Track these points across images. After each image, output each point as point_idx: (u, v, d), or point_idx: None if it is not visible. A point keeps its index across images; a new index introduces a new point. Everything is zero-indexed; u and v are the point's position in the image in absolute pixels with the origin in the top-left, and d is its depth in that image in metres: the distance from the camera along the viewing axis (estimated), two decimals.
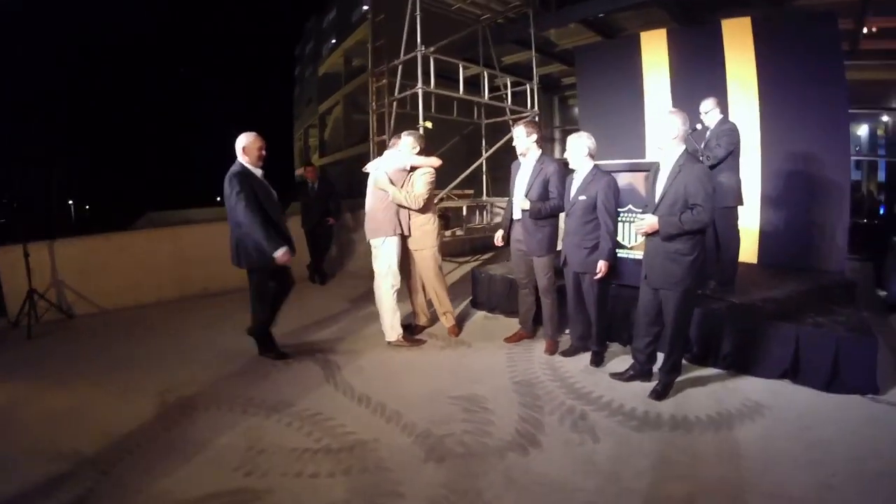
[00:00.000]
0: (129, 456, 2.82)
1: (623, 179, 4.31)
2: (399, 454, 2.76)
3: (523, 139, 4.11)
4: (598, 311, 3.83)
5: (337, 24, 22.24)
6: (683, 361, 3.71)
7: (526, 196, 4.06)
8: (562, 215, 4.09)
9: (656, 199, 3.23)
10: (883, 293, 5.71)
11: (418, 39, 6.14)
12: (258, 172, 4.00)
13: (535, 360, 4.04)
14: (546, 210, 4.01)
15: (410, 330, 4.70)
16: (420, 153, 4.40)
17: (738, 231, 4.58)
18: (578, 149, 3.76)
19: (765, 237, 5.83)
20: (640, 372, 3.56)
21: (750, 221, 5.77)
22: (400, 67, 6.67)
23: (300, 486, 2.50)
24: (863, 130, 13.40)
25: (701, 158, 4.20)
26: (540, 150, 4.17)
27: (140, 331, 5.30)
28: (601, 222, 3.68)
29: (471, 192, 8.05)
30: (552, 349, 4.21)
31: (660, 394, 3.32)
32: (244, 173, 3.87)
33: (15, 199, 5.77)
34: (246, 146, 3.93)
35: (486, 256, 7.94)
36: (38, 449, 2.93)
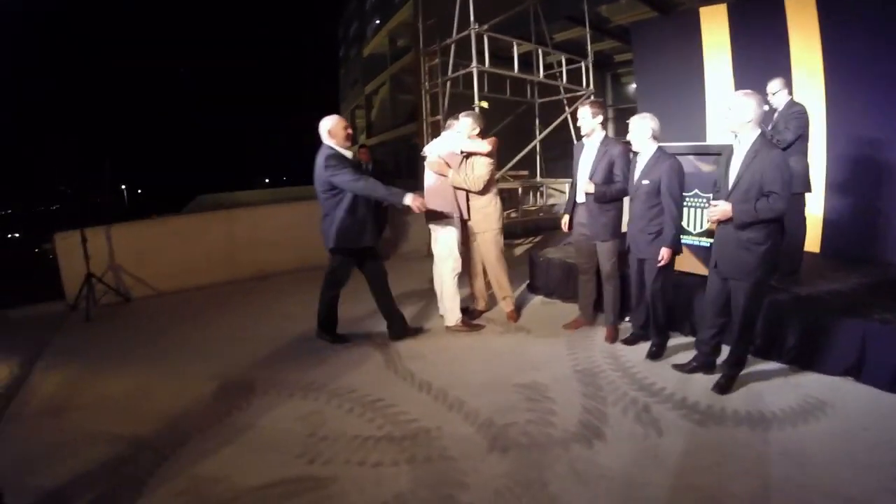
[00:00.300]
0: (189, 440, 2.85)
1: (689, 163, 4.14)
2: (463, 443, 2.75)
3: (589, 120, 3.97)
4: (659, 301, 3.70)
5: (380, 5, 22.20)
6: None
7: (590, 179, 3.95)
8: (626, 199, 3.93)
9: (730, 185, 3.07)
10: None
11: (471, 17, 5.98)
12: (348, 154, 3.97)
13: (595, 349, 3.97)
14: (611, 193, 3.91)
15: (469, 314, 4.67)
16: (479, 134, 4.30)
17: (805, 219, 4.39)
18: (642, 130, 3.60)
19: (829, 226, 5.51)
20: (703, 364, 3.46)
21: (814, 208, 5.46)
22: (453, 46, 6.52)
23: (364, 475, 2.50)
24: None
25: (774, 141, 3.99)
26: (604, 132, 4.05)
27: (196, 314, 5.43)
28: (665, 207, 3.52)
29: (525, 173, 7.87)
30: (613, 337, 4.13)
31: (723, 387, 3.22)
32: (338, 154, 3.84)
33: (70, 186, 5.91)
34: (332, 128, 3.88)
35: (537, 239, 7.78)
36: (96, 432, 3.00)
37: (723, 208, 3.02)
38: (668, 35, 6.91)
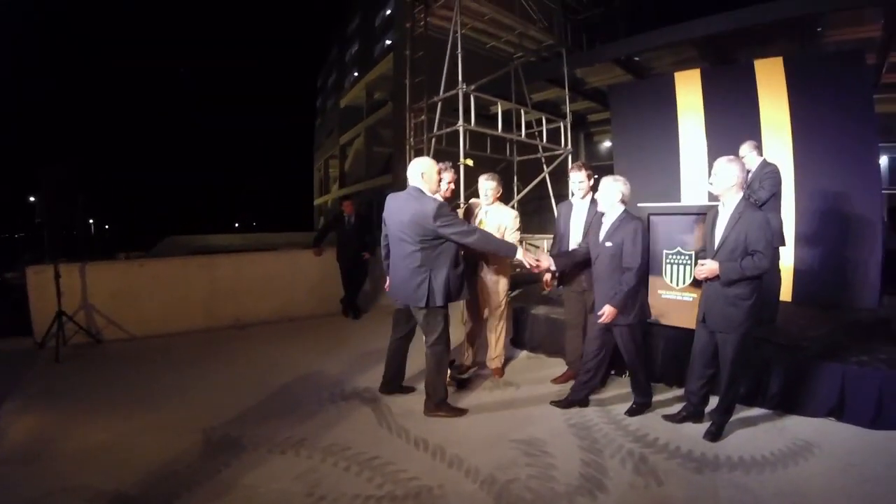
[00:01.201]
0: (177, 500, 2.68)
1: (673, 222, 4.37)
2: (467, 501, 2.72)
3: (587, 183, 4.20)
4: (636, 362, 3.77)
5: (359, 58, 22.78)
6: None
7: (585, 237, 4.08)
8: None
9: (715, 245, 3.30)
10: None
11: (460, 77, 6.25)
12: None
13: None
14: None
15: (456, 369, 4.61)
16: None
17: (779, 270, 4.69)
18: (612, 193, 3.67)
19: (799, 275, 5.87)
20: (692, 413, 3.60)
21: (784, 259, 5.77)
22: (439, 104, 6.75)
23: None
24: (884, 162, 13.48)
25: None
26: (592, 193, 4.21)
27: (174, 360, 5.22)
28: (624, 267, 3.56)
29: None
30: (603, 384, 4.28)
31: (714, 435, 3.37)
32: (444, 203, 3.65)
33: (43, 219, 5.73)
34: (426, 172, 3.65)
35: (514, 293, 7.85)
36: (75, 486, 2.82)
37: (710, 267, 3.24)
38: (644, 97, 7.36)
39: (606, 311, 3.52)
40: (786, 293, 5.78)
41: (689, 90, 6.76)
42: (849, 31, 8.01)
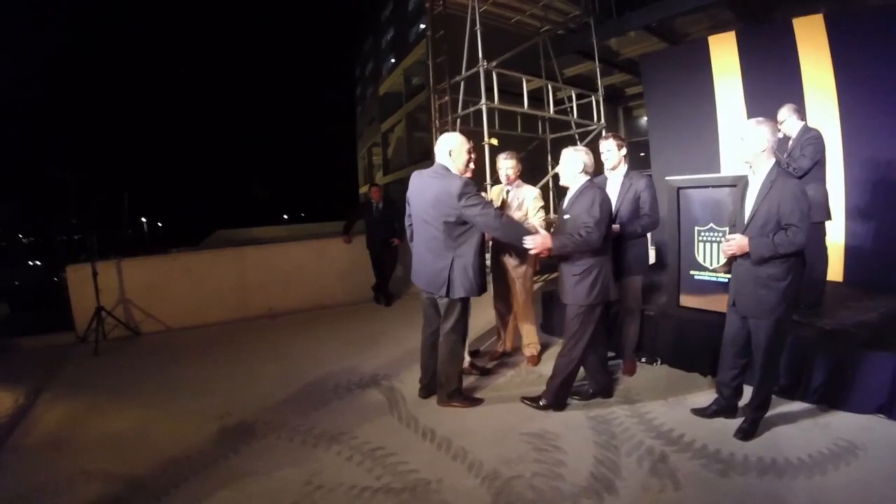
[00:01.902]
0: (185, 483, 2.78)
1: (704, 195, 4.01)
2: (464, 497, 2.58)
3: (615, 152, 3.92)
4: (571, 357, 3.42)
5: (395, 44, 22.70)
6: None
7: (617, 212, 3.86)
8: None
9: (745, 219, 2.93)
10: None
11: (479, 54, 6.01)
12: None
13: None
14: (640, 229, 3.84)
15: (479, 357, 4.53)
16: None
17: (826, 248, 4.20)
18: (573, 164, 3.35)
19: (851, 253, 5.34)
20: (724, 407, 3.24)
21: (834, 236, 5.27)
22: (462, 84, 6.54)
23: None
24: None
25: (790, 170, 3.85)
26: (626, 165, 3.98)
27: (203, 351, 5.38)
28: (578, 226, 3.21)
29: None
30: (632, 370, 4.07)
31: (747, 432, 3.01)
32: (471, 182, 3.29)
33: (80, 219, 6.00)
34: (455, 148, 3.34)
35: (553, 276, 7.61)
36: (94, 470, 2.98)
37: (739, 242, 2.88)
38: (677, 65, 6.87)
39: (537, 240, 3.17)
40: (836, 273, 5.27)
41: (724, 54, 6.24)
42: None
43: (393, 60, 22.93)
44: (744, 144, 2.91)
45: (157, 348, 5.60)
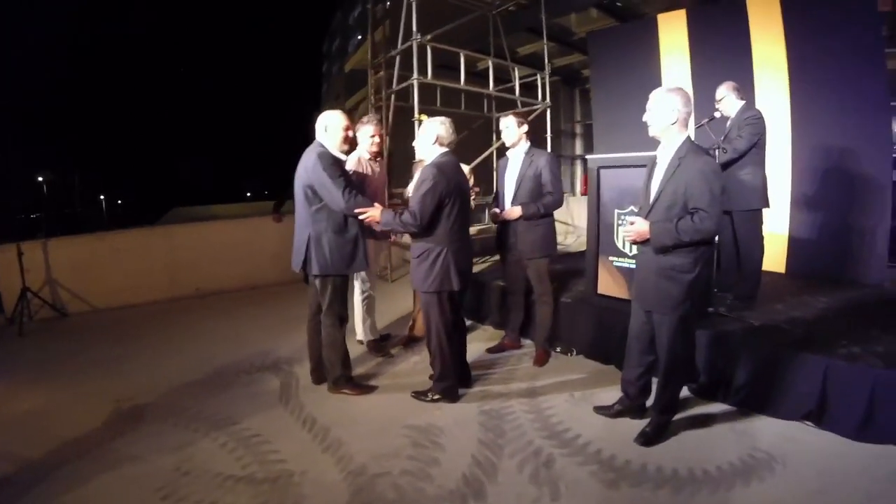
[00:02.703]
0: (68, 465, 2.76)
1: (626, 176, 3.74)
2: (322, 492, 2.42)
3: (514, 129, 3.72)
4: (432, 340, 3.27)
5: (362, 20, 22.14)
6: (688, 393, 3.18)
7: (516, 191, 3.68)
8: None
9: (650, 201, 2.63)
10: None
11: (413, 27, 5.76)
12: (342, 157, 3.32)
13: (514, 381, 3.58)
14: (542, 210, 3.62)
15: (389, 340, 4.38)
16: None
17: (762, 238, 3.98)
18: (426, 135, 3.12)
19: (794, 243, 5.15)
20: (629, 407, 2.97)
21: (778, 225, 5.13)
22: (398, 58, 6.28)
23: None
24: None
25: (717, 152, 3.64)
26: (529, 143, 3.76)
27: (125, 332, 5.26)
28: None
29: (476, 189, 7.69)
30: (543, 360, 3.84)
31: (649, 438, 2.72)
32: (331, 155, 3.17)
33: (16, 198, 5.80)
34: (330, 124, 3.23)
35: (495, 258, 7.48)
36: None
37: (638, 228, 2.58)
38: (624, 43, 6.65)
39: (368, 211, 3.07)
40: (778, 264, 5.14)
41: (673, 32, 6.02)
42: None
43: (360, 37, 22.40)
44: (650, 116, 2.62)
45: (81, 329, 5.49)
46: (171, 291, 6.46)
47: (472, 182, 4.16)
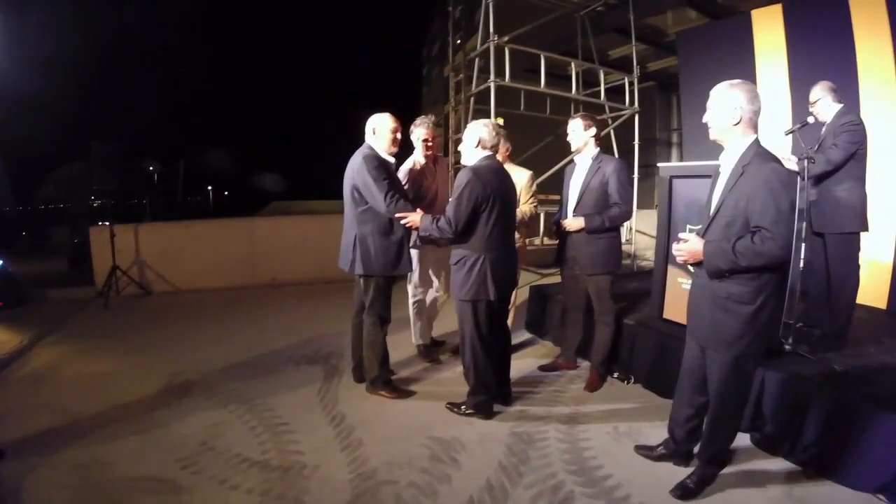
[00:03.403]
0: (113, 424, 3.02)
1: (701, 187, 3.40)
2: (327, 490, 2.38)
3: (580, 133, 3.46)
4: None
5: (460, 25, 22.32)
6: (749, 443, 2.79)
7: (579, 200, 3.44)
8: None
9: (709, 215, 2.28)
10: None
11: (491, 28, 5.64)
12: (391, 161, 3.33)
13: (558, 404, 3.31)
14: (607, 222, 3.35)
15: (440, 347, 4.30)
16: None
17: (858, 266, 3.47)
18: (469, 138, 2.99)
19: None
20: (674, 452, 2.59)
21: (881, 252, 4.46)
22: (476, 60, 6.18)
23: (215, 495, 2.38)
24: None
25: (805, 163, 3.09)
26: (598, 148, 3.50)
27: (198, 313, 5.68)
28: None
29: (557, 197, 7.45)
30: (595, 385, 3.54)
31: (687, 491, 2.33)
32: (378, 157, 3.21)
33: (116, 185, 6.47)
34: (378, 127, 3.26)
35: (551, 272, 7.15)
36: (52, 404, 3.34)
37: (691, 246, 2.20)
38: (716, 41, 6.11)
39: (409, 216, 3.05)
40: (879, 297, 4.42)
41: (768, 29, 5.44)
42: None
43: (458, 42, 22.64)
44: (710, 116, 2.27)
45: (160, 307, 6.00)
46: (249, 279, 6.86)
47: (531, 190, 3.96)
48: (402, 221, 3.08)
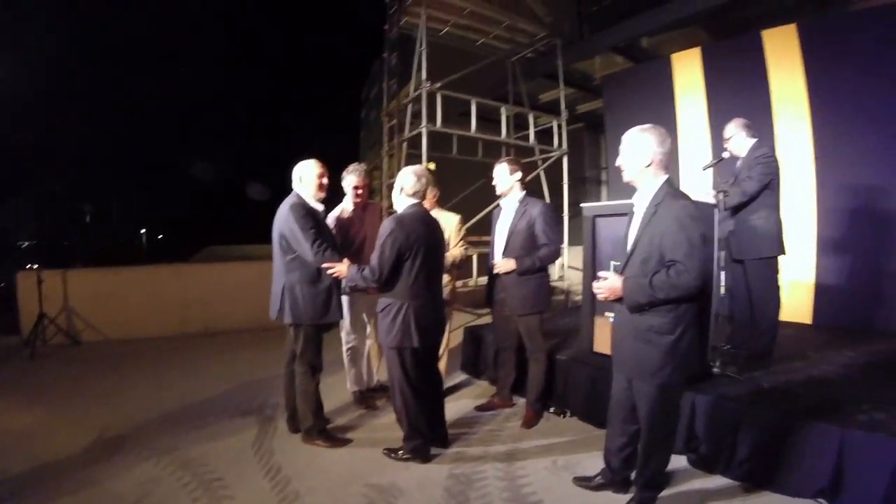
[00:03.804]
0: (42, 483, 2.89)
1: (620, 225, 3.65)
2: None
3: (506, 177, 3.58)
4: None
5: (398, 69, 22.87)
6: (685, 464, 2.92)
7: (507, 242, 3.55)
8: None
9: (627, 253, 2.42)
10: None
11: (424, 76, 5.86)
12: (319, 208, 3.32)
13: (495, 442, 3.35)
14: (537, 263, 3.46)
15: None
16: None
17: (778, 288, 3.70)
18: (396, 186, 3.11)
19: (822, 291, 4.83)
20: (611, 481, 2.68)
21: (803, 273, 4.86)
22: (409, 107, 6.40)
23: None
24: None
25: (722, 196, 3.37)
26: (524, 192, 3.63)
27: (129, 364, 5.43)
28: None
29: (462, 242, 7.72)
30: (531, 422, 3.60)
31: None
32: (305, 205, 3.20)
33: (45, 228, 6.20)
34: (303, 174, 3.26)
35: (484, 313, 7.30)
36: None
37: (610, 284, 2.32)
38: (638, 85, 6.59)
39: (335, 266, 3.08)
40: (804, 314, 4.84)
41: (688, 71, 5.93)
42: None
43: (396, 86, 23.16)
44: (623, 158, 2.42)
45: (89, 357, 5.68)
46: (181, 328, 6.61)
47: (460, 233, 4.06)
48: (329, 272, 3.10)
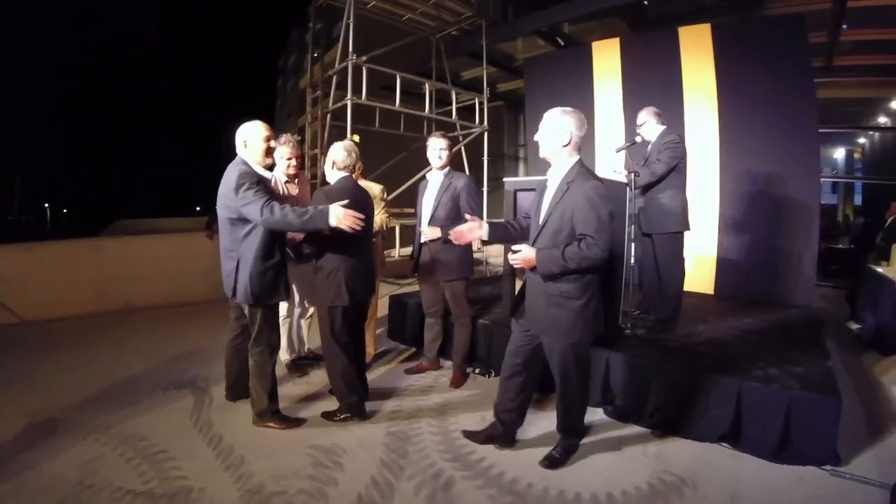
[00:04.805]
0: None
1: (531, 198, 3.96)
2: None
3: (447, 153, 3.79)
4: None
5: (319, 38, 22.24)
6: (603, 416, 3.30)
7: (433, 213, 3.78)
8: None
9: (538, 226, 2.64)
10: (856, 327, 5.23)
11: (350, 48, 5.90)
12: (266, 174, 3.14)
13: (427, 402, 3.65)
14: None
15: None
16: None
17: (682, 261, 4.11)
18: (328, 161, 3.26)
19: (723, 265, 5.41)
20: (499, 434, 2.93)
21: (707, 247, 5.41)
22: (334, 78, 6.42)
23: None
24: (840, 152, 13.20)
25: (633, 176, 3.71)
26: (448, 167, 3.87)
27: (47, 345, 5.13)
28: None
29: (412, 210, 7.85)
30: (459, 381, 3.92)
31: (554, 461, 2.73)
32: (253, 173, 2.98)
33: None
34: (248, 139, 3.04)
35: (407, 282, 7.57)
36: None
37: (525, 254, 2.54)
38: (559, 69, 6.92)
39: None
40: (706, 285, 5.41)
41: (607, 59, 6.31)
42: (795, 3, 7.28)
43: (315, 55, 22.54)
44: (541, 137, 2.63)
45: (4, 341, 5.29)
46: (100, 305, 6.30)
47: (381, 202, 4.20)
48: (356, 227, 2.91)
